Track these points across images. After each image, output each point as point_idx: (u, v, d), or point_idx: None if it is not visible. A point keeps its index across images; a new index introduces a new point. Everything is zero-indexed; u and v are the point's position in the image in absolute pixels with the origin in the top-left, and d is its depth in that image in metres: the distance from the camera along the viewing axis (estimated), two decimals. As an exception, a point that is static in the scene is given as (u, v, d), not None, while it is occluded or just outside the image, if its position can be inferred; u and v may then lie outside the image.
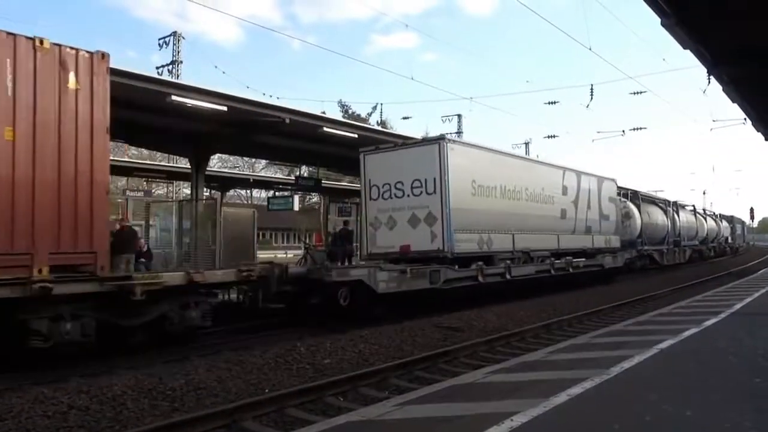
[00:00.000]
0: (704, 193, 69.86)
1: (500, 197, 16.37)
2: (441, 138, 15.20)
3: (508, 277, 16.08)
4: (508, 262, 16.37)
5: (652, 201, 33.11)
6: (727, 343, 7.50)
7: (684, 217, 36.90)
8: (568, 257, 19.23)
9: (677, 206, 35.82)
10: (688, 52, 9.26)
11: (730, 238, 54.91)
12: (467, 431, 4.25)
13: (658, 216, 31.71)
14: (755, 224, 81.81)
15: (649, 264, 29.74)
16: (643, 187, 38.58)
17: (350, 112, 48.88)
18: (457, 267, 14.54)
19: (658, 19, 8.08)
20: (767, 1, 7.54)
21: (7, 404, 6.10)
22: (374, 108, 48.94)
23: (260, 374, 7.81)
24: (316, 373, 8.05)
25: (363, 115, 47.77)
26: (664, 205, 33.97)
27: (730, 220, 58.08)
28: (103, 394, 6.57)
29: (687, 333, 8.27)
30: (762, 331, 8.42)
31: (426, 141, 15.72)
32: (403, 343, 10.03)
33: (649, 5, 7.72)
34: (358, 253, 16.77)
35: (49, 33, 7.59)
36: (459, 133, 42.62)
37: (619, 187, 26.41)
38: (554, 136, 46.24)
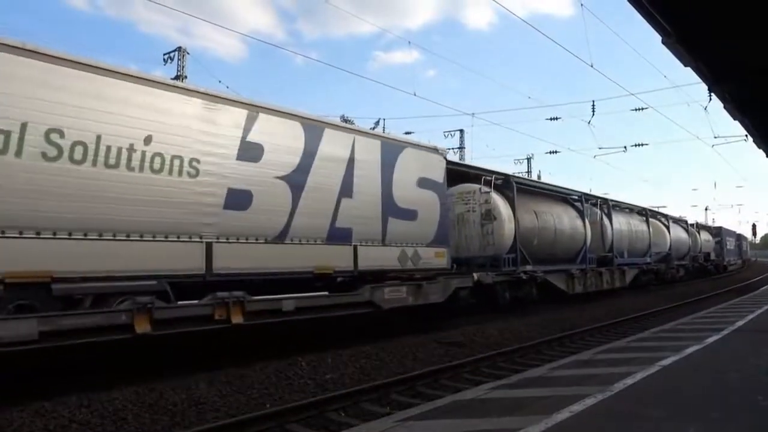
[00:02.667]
0: (706, 209, 69.59)
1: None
2: None
3: None
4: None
5: (561, 197, 21.86)
6: (729, 361, 7.48)
7: (624, 223, 26.04)
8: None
9: (609, 207, 24.39)
10: (689, 69, 9.32)
11: (713, 254, 44.71)
12: (469, 448, 4.23)
13: (560, 218, 20.09)
14: (758, 240, 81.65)
15: (536, 294, 17.85)
16: (644, 203, 35.78)
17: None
18: None
19: (659, 37, 8.16)
20: (765, 20, 7.61)
21: (7, 418, 6.10)
22: (377, 123, 48.89)
23: (261, 389, 7.79)
24: (318, 388, 8.03)
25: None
26: (583, 201, 22.18)
27: (717, 232, 49.27)
28: (104, 408, 6.56)
29: (689, 350, 8.25)
30: (765, 349, 8.39)
31: None
32: (404, 359, 10.00)
33: (650, 23, 7.79)
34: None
35: (55, 47, 7.62)
36: (461, 148, 42.72)
37: (503, 175, 18.02)
38: (556, 152, 46.28)
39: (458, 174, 16.63)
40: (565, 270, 19.68)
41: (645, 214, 29.78)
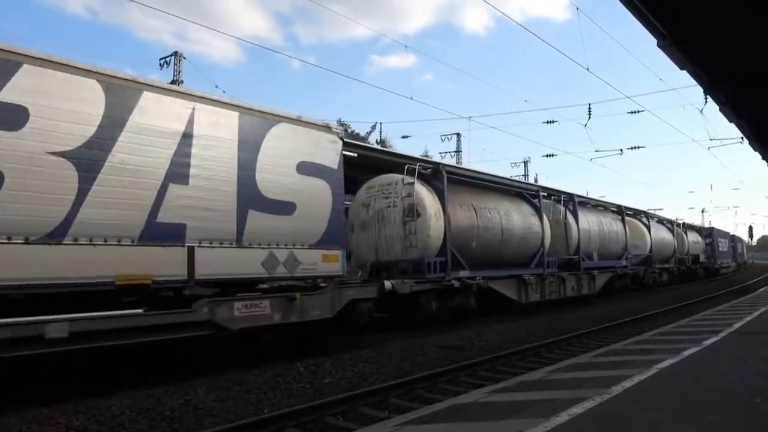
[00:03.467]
0: (703, 211, 69.84)
1: None
2: None
3: None
4: None
5: (514, 192, 19.19)
6: (727, 363, 7.49)
7: (595, 223, 23.30)
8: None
9: (575, 204, 21.78)
10: (685, 72, 9.36)
11: (703, 257, 41.83)
12: (468, 451, 4.23)
13: (510, 216, 17.17)
14: (754, 242, 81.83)
15: (475, 304, 15.18)
16: (642, 206, 34.88)
17: (350, 131, 49.10)
18: None
19: (655, 40, 8.19)
20: (761, 24, 7.64)
21: (5, 424, 6.08)
22: (373, 127, 49.16)
23: (260, 394, 7.78)
24: (316, 393, 8.01)
25: (362, 134, 47.98)
26: (541, 197, 19.45)
27: (708, 233, 46.47)
28: (102, 415, 6.54)
29: (687, 352, 8.25)
30: (762, 351, 8.40)
31: None
32: (403, 363, 9.99)
33: (646, 27, 7.82)
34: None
35: (50, 52, 7.60)
36: (458, 151, 42.79)
37: (431, 164, 15.95)
38: (552, 155, 46.32)
39: (383, 164, 14.93)
40: (517, 276, 16.96)
41: (621, 212, 26.86)
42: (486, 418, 5.28)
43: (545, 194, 20.43)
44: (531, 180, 41.94)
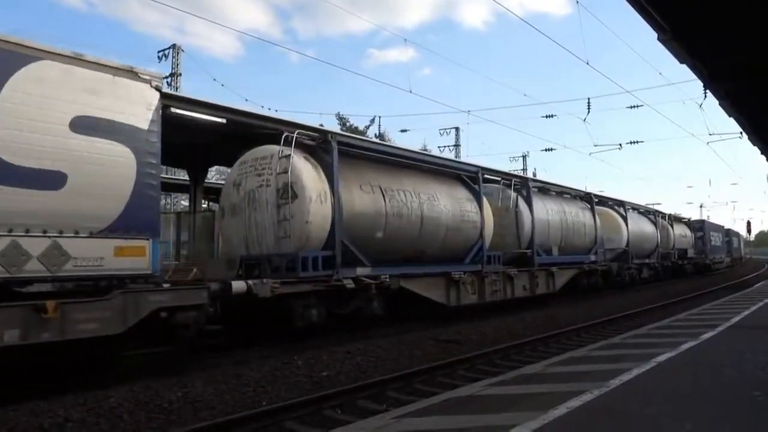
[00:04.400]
0: (701, 206, 69.75)
1: None
2: None
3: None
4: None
5: (445, 172, 15.52)
6: (725, 356, 7.50)
7: (556, 212, 20.17)
8: None
9: (529, 190, 18.67)
10: (684, 66, 9.33)
11: (692, 252, 38.18)
12: (466, 444, 4.23)
13: (434, 201, 14.07)
14: (752, 237, 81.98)
15: (380, 308, 12.15)
16: (641, 201, 33.70)
17: (348, 124, 49.02)
18: None
19: (655, 34, 8.16)
20: (763, 19, 7.62)
21: (3, 417, 6.07)
22: (372, 121, 48.93)
23: (257, 387, 7.77)
24: (314, 386, 8.02)
25: (361, 128, 47.90)
26: (481, 179, 16.13)
27: (699, 226, 42.81)
28: (100, 407, 6.53)
29: (685, 346, 8.27)
30: (760, 345, 8.42)
31: None
32: (401, 356, 10.00)
33: (646, 20, 7.78)
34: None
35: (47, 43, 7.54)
36: (457, 146, 42.72)
37: (318, 133, 11.94)
38: (551, 150, 46.28)
39: (266, 134, 11.23)
40: (444, 274, 14.07)
41: (590, 200, 23.49)
42: (484, 411, 5.28)
43: (492, 177, 17.81)
44: (530, 175, 41.90)
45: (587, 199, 23.71)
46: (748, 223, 64.53)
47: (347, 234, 11.52)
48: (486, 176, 17.01)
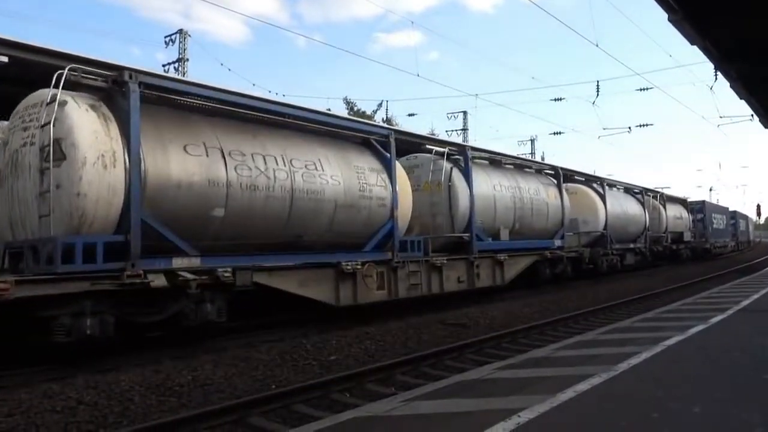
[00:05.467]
0: (711, 189, 69.30)
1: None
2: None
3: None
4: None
5: (341, 135, 12.30)
6: (734, 340, 7.49)
7: (507, 188, 16.90)
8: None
9: (467, 161, 15.29)
10: (695, 48, 9.21)
11: (689, 235, 34.47)
12: (474, 427, 4.25)
13: (314, 172, 10.87)
14: (762, 221, 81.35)
15: (220, 312, 9.09)
16: (649, 183, 33.31)
17: (356, 108, 48.86)
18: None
19: (665, 15, 8.05)
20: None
21: (16, 399, 6.15)
22: (380, 105, 48.83)
23: (266, 371, 7.84)
24: (322, 370, 8.07)
25: (369, 112, 47.73)
26: (393, 146, 12.81)
27: (699, 208, 38.59)
28: (111, 390, 6.61)
29: (694, 330, 8.25)
30: (769, 328, 8.39)
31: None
32: (408, 340, 10.04)
33: (657, 0, 7.68)
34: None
35: (54, 31, 7.40)
36: (465, 129, 42.53)
37: (107, 68, 8.65)
38: (560, 133, 46.27)
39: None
40: (331, 265, 10.95)
41: (557, 175, 19.80)
42: (492, 394, 5.29)
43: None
44: (537, 159, 41.61)
45: (554, 174, 19.98)
46: (758, 206, 63.92)
47: (157, 212, 8.44)
48: (381, 135, 12.94)
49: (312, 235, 10.88)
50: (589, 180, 24.01)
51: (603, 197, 23.14)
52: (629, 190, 28.07)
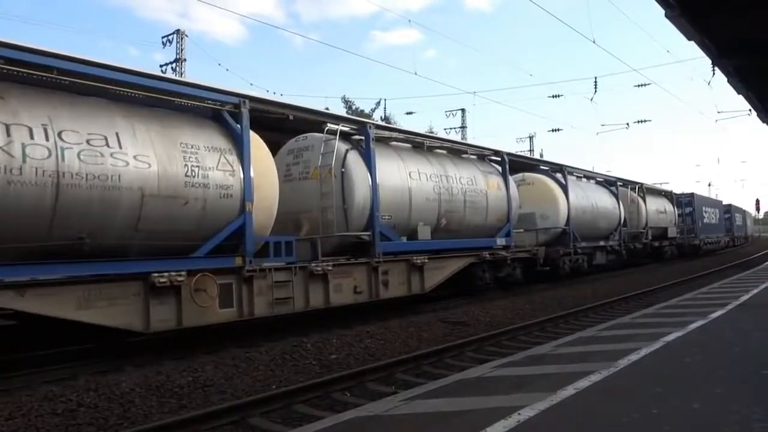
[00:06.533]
0: (709, 184, 69.22)
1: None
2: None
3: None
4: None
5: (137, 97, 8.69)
6: (733, 335, 7.49)
7: (432, 176, 13.71)
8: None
9: (369, 142, 12.13)
10: (692, 43, 9.22)
11: (674, 231, 31.35)
12: (475, 425, 4.25)
13: (95, 150, 7.73)
14: (761, 215, 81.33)
15: None
16: (648, 179, 31.41)
17: (354, 107, 48.85)
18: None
19: (662, 11, 8.05)
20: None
21: (16, 402, 6.15)
22: (378, 103, 48.84)
23: (267, 371, 7.84)
24: (323, 369, 8.07)
25: (367, 111, 47.71)
26: (244, 118, 9.68)
27: (687, 201, 35.55)
28: (111, 392, 6.61)
29: (693, 325, 8.25)
30: (769, 323, 8.39)
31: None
32: (409, 339, 10.05)
33: (653, -3, 7.69)
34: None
35: (52, 32, 7.40)
36: (463, 127, 42.54)
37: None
38: (558, 130, 46.34)
39: None
40: (135, 277, 8.18)
41: (502, 161, 16.43)
42: (493, 392, 5.30)
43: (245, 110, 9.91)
44: (536, 156, 41.55)
45: (499, 161, 16.65)
46: (757, 201, 63.94)
47: None
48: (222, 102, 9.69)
49: (106, 237, 7.95)
50: (547, 167, 21.16)
51: (564, 188, 20.20)
52: (602, 181, 25.24)
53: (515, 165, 18.23)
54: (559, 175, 20.46)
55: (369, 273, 11.76)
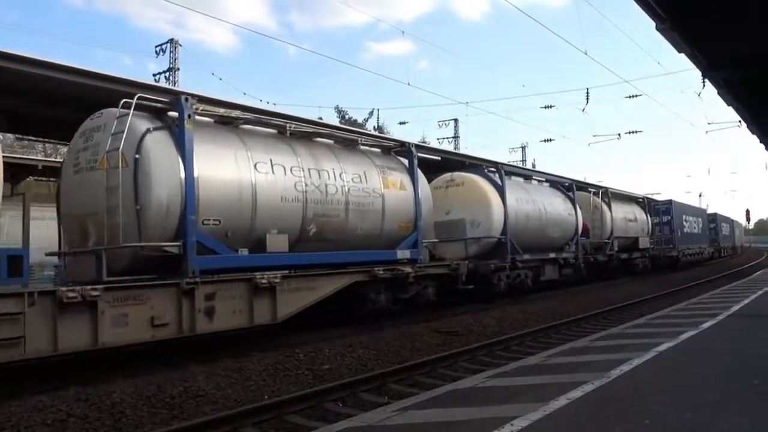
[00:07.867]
0: (700, 195, 69.56)
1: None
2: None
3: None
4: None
5: None
6: (724, 345, 7.52)
7: (300, 169, 10.58)
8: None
9: (182, 111, 8.80)
10: (683, 55, 9.32)
11: (647, 242, 28.51)
12: (468, 436, 4.25)
13: None
14: (752, 226, 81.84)
15: None
16: (640, 190, 30.86)
17: (347, 117, 48.95)
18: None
19: (653, 24, 8.15)
20: (761, 5, 7.60)
21: (5, 413, 6.08)
22: (371, 113, 48.91)
23: (259, 381, 7.80)
24: (315, 379, 8.04)
25: (360, 120, 47.82)
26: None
27: (665, 209, 32.11)
28: (102, 402, 6.55)
29: (685, 335, 8.28)
30: (760, 333, 8.44)
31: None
32: (402, 348, 10.03)
33: (644, 9, 7.78)
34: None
35: (45, 41, 7.39)
36: (456, 137, 42.70)
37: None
38: (550, 140, 46.44)
39: None
40: None
41: (409, 153, 13.44)
42: (486, 402, 5.29)
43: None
44: (528, 166, 41.72)
45: (405, 152, 13.55)
46: (747, 211, 64.24)
47: None
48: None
49: None
50: (481, 165, 18.02)
51: (501, 189, 16.86)
52: (555, 183, 21.73)
53: (450, 163, 16.33)
54: (495, 176, 17.20)
55: (178, 298, 8.49)
